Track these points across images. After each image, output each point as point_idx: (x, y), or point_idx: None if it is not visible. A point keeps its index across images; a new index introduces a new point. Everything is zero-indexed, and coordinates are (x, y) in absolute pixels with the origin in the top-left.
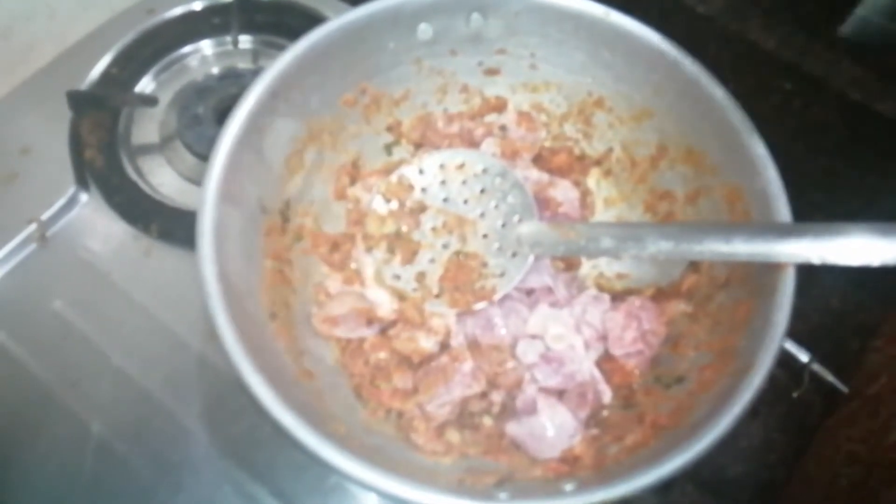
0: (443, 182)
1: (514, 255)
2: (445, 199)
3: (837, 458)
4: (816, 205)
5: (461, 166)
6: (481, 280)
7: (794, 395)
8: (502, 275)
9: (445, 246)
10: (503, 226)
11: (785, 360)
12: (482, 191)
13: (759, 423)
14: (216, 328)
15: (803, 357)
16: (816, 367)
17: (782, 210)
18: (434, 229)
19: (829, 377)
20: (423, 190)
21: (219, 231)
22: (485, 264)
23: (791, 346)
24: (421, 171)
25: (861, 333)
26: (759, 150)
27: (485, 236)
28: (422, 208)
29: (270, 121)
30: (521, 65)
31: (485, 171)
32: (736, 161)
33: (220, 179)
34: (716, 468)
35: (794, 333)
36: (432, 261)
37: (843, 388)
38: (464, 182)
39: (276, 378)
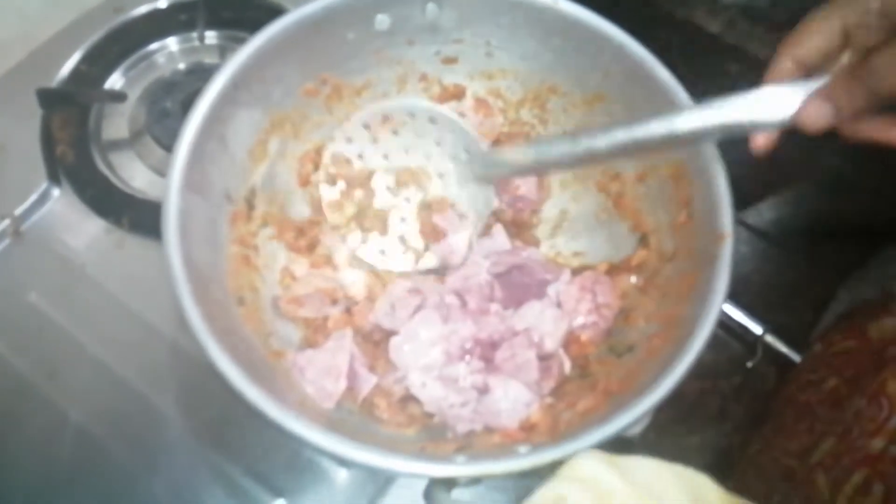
0: (374, 141)
1: (477, 184)
2: (386, 156)
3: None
4: (767, 183)
5: (387, 119)
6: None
7: (749, 364)
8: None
9: (408, 200)
10: (453, 161)
11: (740, 332)
12: (417, 136)
13: (717, 394)
14: (183, 311)
15: (757, 329)
16: (770, 338)
17: (721, 184)
18: (389, 189)
19: (783, 348)
20: (360, 157)
21: (184, 219)
22: (452, 204)
23: (745, 319)
24: (349, 140)
25: (814, 305)
26: None
27: (440, 176)
28: (368, 175)
29: (233, 111)
30: (478, 53)
31: (412, 116)
32: None
33: (184, 169)
34: (675, 437)
35: (749, 306)
36: (403, 219)
37: (796, 358)
38: (395, 133)
39: (243, 358)
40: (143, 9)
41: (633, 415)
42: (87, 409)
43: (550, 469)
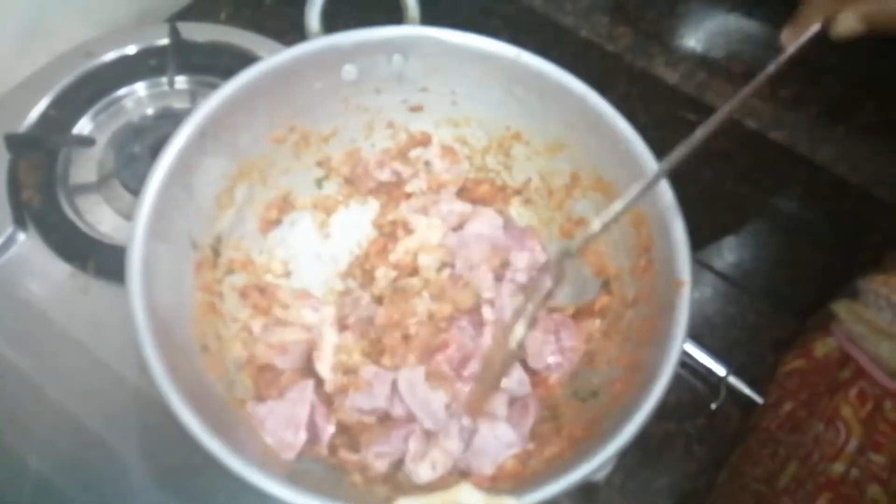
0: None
1: None
2: None
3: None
4: (726, 227)
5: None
6: None
7: (713, 406)
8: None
9: None
10: None
11: (704, 373)
12: None
13: (682, 436)
14: (144, 358)
15: (721, 371)
16: (733, 379)
17: (678, 232)
18: None
19: (746, 389)
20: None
21: (148, 266)
22: None
23: (709, 361)
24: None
25: (776, 347)
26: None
27: None
28: None
29: (199, 159)
30: (444, 102)
31: None
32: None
33: (150, 216)
34: (641, 480)
35: (712, 348)
36: None
37: (759, 400)
38: None
39: (204, 406)
40: (113, 54)
41: (596, 462)
42: (48, 456)
43: None
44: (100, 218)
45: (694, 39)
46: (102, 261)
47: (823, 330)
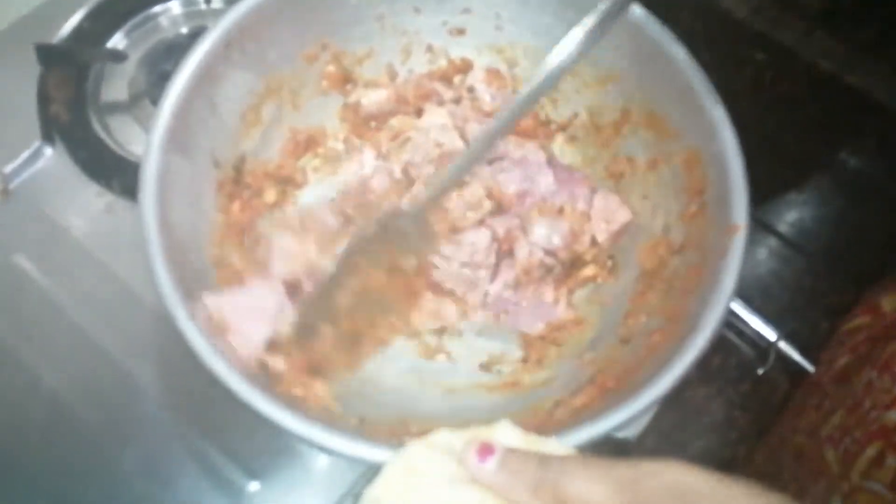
0: None
1: None
2: None
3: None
4: (786, 181)
5: None
6: None
7: (759, 371)
8: None
9: None
10: None
11: (752, 337)
12: None
13: (723, 400)
14: (152, 273)
15: (771, 335)
16: (783, 345)
17: (737, 175)
18: None
19: (796, 356)
20: None
21: (164, 179)
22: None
23: (758, 324)
24: None
25: (831, 314)
26: (717, 112)
27: None
28: None
29: (224, 71)
30: (487, 25)
31: None
32: (695, 123)
33: (169, 126)
34: (677, 444)
35: (762, 311)
36: None
37: (810, 368)
38: None
39: None
40: None
41: (626, 413)
42: (62, 375)
43: None
44: (129, 137)
45: None
46: (128, 180)
47: (893, 286)
